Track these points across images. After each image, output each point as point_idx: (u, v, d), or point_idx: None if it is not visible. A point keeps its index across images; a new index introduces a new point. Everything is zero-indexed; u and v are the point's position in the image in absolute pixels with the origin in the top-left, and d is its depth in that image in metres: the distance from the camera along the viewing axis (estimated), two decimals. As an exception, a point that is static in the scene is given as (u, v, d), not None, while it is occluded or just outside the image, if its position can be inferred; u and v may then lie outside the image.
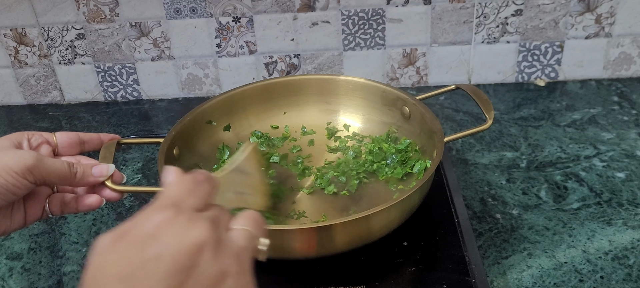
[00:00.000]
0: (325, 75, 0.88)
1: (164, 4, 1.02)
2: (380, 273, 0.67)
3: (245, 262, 0.38)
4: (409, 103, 0.80)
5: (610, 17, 1.01)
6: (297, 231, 0.62)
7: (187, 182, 0.39)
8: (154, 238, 0.34)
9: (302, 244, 0.63)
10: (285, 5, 1.02)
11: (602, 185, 0.82)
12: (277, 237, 0.61)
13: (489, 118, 0.72)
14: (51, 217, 0.62)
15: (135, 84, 1.11)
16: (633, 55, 1.05)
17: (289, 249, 0.63)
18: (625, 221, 0.76)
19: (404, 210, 0.66)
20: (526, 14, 1.02)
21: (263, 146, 0.85)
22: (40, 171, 0.55)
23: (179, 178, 0.40)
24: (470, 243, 0.70)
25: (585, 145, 0.90)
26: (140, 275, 0.32)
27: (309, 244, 0.63)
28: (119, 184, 0.63)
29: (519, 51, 1.06)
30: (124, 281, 0.32)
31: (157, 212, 0.35)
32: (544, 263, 0.70)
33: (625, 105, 1.00)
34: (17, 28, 1.06)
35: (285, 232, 0.62)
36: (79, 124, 1.07)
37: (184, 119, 0.79)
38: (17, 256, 0.78)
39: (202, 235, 0.35)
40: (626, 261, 0.70)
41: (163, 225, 0.34)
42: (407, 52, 1.06)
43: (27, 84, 1.12)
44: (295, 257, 0.65)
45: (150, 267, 0.33)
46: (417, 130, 0.79)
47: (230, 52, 1.07)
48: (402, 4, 1.01)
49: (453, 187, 0.79)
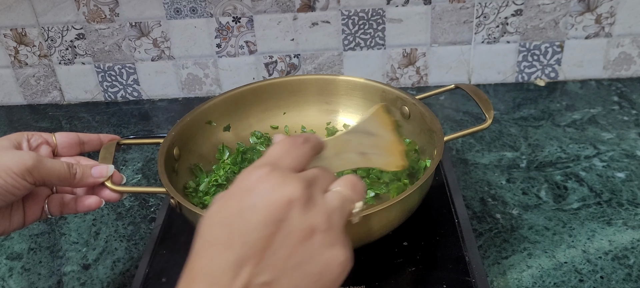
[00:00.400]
0: (325, 75, 0.88)
1: (164, 4, 1.02)
2: (380, 273, 0.67)
3: (336, 221, 0.40)
4: (409, 103, 0.80)
5: (610, 17, 1.01)
6: None
7: (286, 143, 0.43)
8: (250, 191, 0.38)
9: None
10: (285, 5, 1.02)
11: (602, 185, 0.82)
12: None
13: (488, 117, 0.72)
14: (50, 217, 0.62)
15: (135, 84, 1.11)
16: (633, 55, 1.05)
17: None
18: (625, 221, 0.76)
19: (404, 209, 0.66)
20: (526, 14, 1.02)
21: (263, 146, 0.85)
22: (39, 172, 0.55)
23: (281, 139, 0.43)
24: (470, 243, 0.70)
25: (585, 145, 0.90)
26: (237, 221, 0.37)
27: None
28: (118, 185, 0.63)
29: (519, 51, 1.06)
30: (224, 226, 0.37)
31: (255, 169, 0.39)
32: (544, 263, 0.70)
33: (625, 105, 1.00)
34: (17, 28, 1.06)
35: None
36: (79, 124, 1.07)
37: (184, 119, 0.79)
38: (17, 256, 0.78)
39: (293, 192, 0.38)
40: (626, 261, 0.70)
41: (259, 180, 0.38)
42: (407, 52, 1.06)
43: (27, 84, 1.12)
44: None
45: (246, 215, 0.37)
46: (417, 130, 0.79)
47: (230, 52, 1.07)
48: (402, 4, 1.01)
49: (453, 187, 0.79)
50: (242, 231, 0.37)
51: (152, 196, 0.86)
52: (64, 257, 0.77)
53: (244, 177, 0.39)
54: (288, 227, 0.37)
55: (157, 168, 0.70)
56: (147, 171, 0.92)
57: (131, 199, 0.86)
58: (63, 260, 0.76)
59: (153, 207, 0.84)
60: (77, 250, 0.78)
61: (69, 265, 0.75)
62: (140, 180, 0.90)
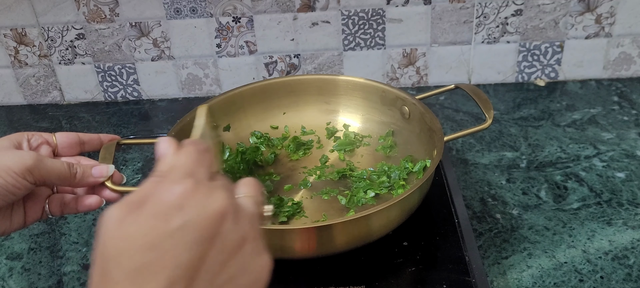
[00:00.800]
0: (324, 75, 0.88)
1: (164, 4, 1.02)
2: (380, 273, 0.67)
3: (257, 227, 0.39)
4: (409, 103, 0.80)
5: (610, 17, 1.01)
6: (297, 231, 0.62)
7: (192, 152, 0.40)
8: (179, 209, 0.34)
9: (302, 244, 0.63)
10: (285, 5, 1.02)
11: (602, 185, 0.82)
12: (277, 237, 0.61)
13: (488, 117, 0.72)
14: (51, 217, 0.62)
15: (135, 84, 1.11)
16: (633, 55, 1.05)
17: (289, 249, 0.63)
18: (625, 221, 0.76)
19: (404, 209, 0.66)
20: (526, 14, 1.02)
21: (263, 146, 0.85)
22: (40, 171, 0.55)
23: (182, 148, 0.40)
24: (470, 243, 0.70)
25: (585, 145, 0.90)
26: (168, 244, 0.33)
27: (309, 244, 0.63)
28: (118, 185, 0.63)
29: (519, 51, 1.06)
30: (151, 250, 0.33)
31: (176, 184, 0.36)
32: (544, 263, 0.70)
33: (625, 105, 1.00)
34: (17, 28, 1.06)
35: (285, 232, 0.62)
36: (79, 124, 1.07)
37: (184, 119, 0.79)
38: (17, 256, 0.78)
39: (223, 204, 0.36)
40: (626, 261, 0.70)
41: (185, 195, 0.35)
42: (407, 52, 1.06)
43: (27, 84, 1.12)
44: (295, 257, 0.65)
45: (177, 236, 0.34)
46: (417, 130, 0.79)
47: (230, 52, 1.07)
48: (402, 4, 1.01)
49: (453, 187, 0.79)
50: (172, 254, 0.33)
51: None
52: (64, 257, 0.77)
53: (161, 191, 0.36)
54: (221, 242, 0.35)
55: (157, 168, 0.70)
56: (147, 171, 0.92)
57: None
58: (63, 260, 0.76)
59: (153, 207, 0.84)
60: (77, 250, 0.78)
61: (69, 265, 0.75)
62: (140, 180, 0.90)
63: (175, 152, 0.40)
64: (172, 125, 0.81)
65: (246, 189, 0.41)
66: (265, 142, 0.85)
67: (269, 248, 0.41)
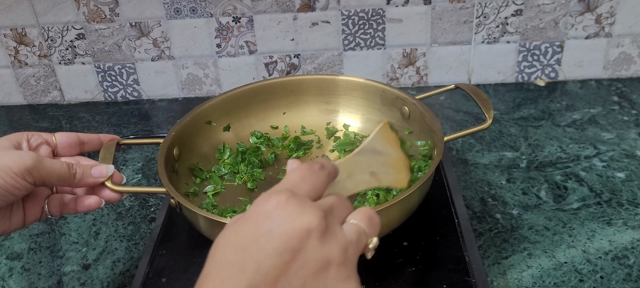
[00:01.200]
0: (324, 75, 0.88)
1: (164, 4, 1.02)
2: (380, 273, 0.67)
3: (351, 255, 0.39)
4: (409, 102, 0.80)
5: (610, 17, 1.01)
6: None
7: (303, 169, 0.42)
8: (267, 217, 0.37)
9: None
10: (285, 5, 1.02)
11: (602, 185, 0.82)
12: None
13: (488, 117, 0.72)
14: (50, 217, 0.62)
15: (135, 84, 1.11)
16: (633, 55, 1.05)
17: None
18: (625, 221, 0.76)
19: (404, 209, 0.66)
20: (526, 14, 1.02)
21: (263, 146, 0.85)
22: (39, 172, 0.55)
23: (298, 165, 0.43)
24: (470, 243, 0.70)
25: (585, 145, 0.90)
26: (252, 247, 0.36)
27: None
28: (118, 185, 0.63)
29: (519, 51, 1.06)
30: (238, 250, 0.36)
31: (273, 195, 0.38)
32: (544, 263, 0.70)
33: (625, 105, 1.00)
34: (17, 28, 1.06)
35: None
36: (79, 124, 1.07)
37: (184, 119, 0.79)
38: (17, 256, 0.78)
39: (311, 221, 0.37)
40: (626, 261, 0.70)
41: (277, 206, 0.37)
42: (407, 52, 1.06)
43: (27, 84, 1.12)
44: None
45: (261, 242, 0.36)
46: (417, 130, 0.79)
47: (230, 52, 1.07)
48: (402, 4, 1.01)
49: (453, 187, 0.79)
50: (257, 257, 0.36)
51: (152, 196, 0.86)
52: (64, 257, 0.77)
53: (261, 201, 0.39)
54: (304, 258, 0.36)
55: (157, 169, 0.70)
56: (147, 171, 0.92)
57: (131, 199, 0.86)
58: (63, 260, 0.76)
59: (153, 207, 0.84)
60: (77, 250, 0.78)
61: (69, 265, 0.75)
62: (140, 180, 0.90)
63: (293, 169, 0.42)
64: (172, 125, 0.81)
65: (358, 217, 0.42)
66: (265, 142, 0.85)
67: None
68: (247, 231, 0.37)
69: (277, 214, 0.37)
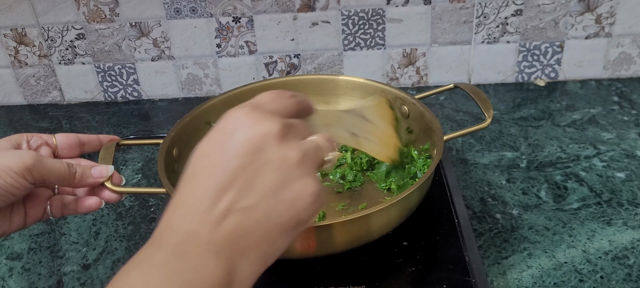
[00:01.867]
0: (324, 75, 0.88)
1: (164, 4, 1.02)
2: (380, 273, 0.67)
3: (309, 159, 0.42)
4: (408, 102, 0.80)
5: (610, 17, 1.01)
6: None
7: (273, 93, 0.45)
8: (231, 127, 0.41)
9: (302, 243, 0.63)
10: (285, 5, 1.02)
11: (602, 185, 0.82)
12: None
13: (488, 117, 0.72)
14: (52, 218, 0.62)
15: (135, 84, 1.11)
16: (633, 55, 1.05)
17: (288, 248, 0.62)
18: (625, 221, 0.76)
19: (404, 209, 0.66)
20: (526, 14, 1.02)
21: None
22: (39, 171, 0.55)
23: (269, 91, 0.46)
24: (470, 243, 0.69)
25: (585, 145, 0.90)
26: (218, 152, 0.40)
27: (308, 243, 0.63)
28: (118, 186, 0.63)
29: (519, 51, 1.06)
30: (206, 157, 0.41)
31: (237, 109, 0.42)
32: (544, 263, 0.70)
33: (625, 105, 1.00)
34: (17, 28, 1.06)
35: None
36: (79, 124, 1.07)
37: (184, 119, 0.79)
38: (17, 256, 0.78)
39: (271, 127, 0.41)
40: (626, 261, 0.70)
41: (239, 117, 0.41)
42: (407, 52, 1.06)
43: (27, 84, 1.12)
44: (295, 257, 0.65)
45: (225, 146, 0.40)
46: (417, 130, 0.79)
47: (230, 52, 1.07)
48: (402, 4, 1.01)
49: (453, 187, 0.79)
50: (222, 160, 0.40)
51: (152, 196, 0.86)
52: (64, 257, 0.77)
53: (226, 116, 0.42)
54: (265, 156, 0.40)
55: (157, 169, 0.70)
56: (147, 171, 0.92)
57: (131, 199, 0.86)
58: (63, 260, 0.76)
59: (153, 207, 0.84)
60: (77, 250, 0.78)
61: (69, 265, 0.75)
62: (140, 180, 0.90)
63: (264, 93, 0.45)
64: (172, 125, 0.81)
65: (317, 137, 0.45)
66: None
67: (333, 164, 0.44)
68: (213, 142, 0.41)
69: (239, 123, 0.41)
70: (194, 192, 0.39)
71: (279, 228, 0.40)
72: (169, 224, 0.39)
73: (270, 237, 0.40)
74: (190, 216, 0.39)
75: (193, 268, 0.37)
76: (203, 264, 0.37)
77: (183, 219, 0.39)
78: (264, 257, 0.40)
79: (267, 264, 0.41)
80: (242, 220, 0.39)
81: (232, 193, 0.39)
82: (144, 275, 0.37)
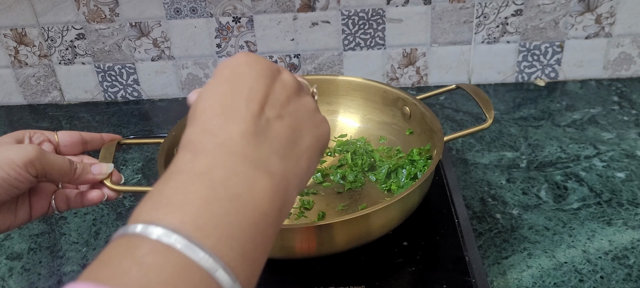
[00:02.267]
0: (325, 76, 0.88)
1: (164, 4, 1.02)
2: (380, 273, 0.67)
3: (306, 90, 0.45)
4: (409, 103, 0.80)
5: (610, 17, 1.01)
6: (297, 230, 0.62)
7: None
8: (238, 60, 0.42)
9: (302, 243, 0.63)
10: (285, 5, 1.02)
11: (602, 185, 0.82)
12: (277, 237, 0.61)
13: (489, 117, 0.72)
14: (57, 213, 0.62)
15: (135, 84, 1.11)
16: (633, 55, 1.05)
17: (288, 249, 0.63)
18: (625, 221, 0.76)
19: (404, 209, 0.66)
20: (526, 14, 1.02)
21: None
22: (41, 164, 0.55)
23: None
24: (470, 243, 0.69)
25: (585, 145, 0.90)
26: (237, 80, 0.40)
27: (308, 243, 0.63)
28: (117, 184, 0.63)
29: (519, 51, 1.06)
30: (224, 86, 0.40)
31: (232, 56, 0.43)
32: (544, 263, 0.70)
33: (625, 105, 1.00)
34: (17, 28, 1.06)
35: (284, 231, 0.62)
36: (79, 124, 1.07)
37: (184, 119, 0.79)
38: (17, 256, 0.78)
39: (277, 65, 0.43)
40: (626, 261, 0.70)
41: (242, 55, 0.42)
42: (407, 52, 1.06)
43: (27, 84, 1.12)
44: (295, 257, 0.65)
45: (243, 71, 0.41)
46: (418, 130, 0.79)
47: (231, 52, 1.07)
48: (402, 4, 1.01)
49: (453, 187, 0.79)
50: (244, 82, 0.40)
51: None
52: (64, 257, 0.77)
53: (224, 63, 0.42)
54: (282, 80, 0.42)
55: (157, 169, 0.70)
56: (147, 171, 0.92)
57: (131, 199, 0.86)
58: (63, 260, 0.76)
59: (153, 207, 0.84)
60: (77, 250, 0.78)
61: (69, 265, 0.75)
62: (140, 180, 0.90)
63: None
64: (172, 125, 0.81)
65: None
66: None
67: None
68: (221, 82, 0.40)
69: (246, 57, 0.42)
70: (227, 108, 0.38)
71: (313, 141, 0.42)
72: (204, 130, 0.37)
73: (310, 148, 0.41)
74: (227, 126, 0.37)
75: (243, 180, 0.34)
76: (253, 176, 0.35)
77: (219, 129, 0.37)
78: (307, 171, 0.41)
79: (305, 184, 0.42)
80: (281, 128, 0.39)
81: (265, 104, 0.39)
82: (183, 186, 0.33)
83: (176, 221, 0.30)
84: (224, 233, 0.31)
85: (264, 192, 0.34)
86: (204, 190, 0.33)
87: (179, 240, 0.29)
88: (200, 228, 0.30)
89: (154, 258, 0.29)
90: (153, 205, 0.32)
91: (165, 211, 0.31)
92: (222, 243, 0.31)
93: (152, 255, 0.29)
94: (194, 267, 0.29)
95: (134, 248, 0.29)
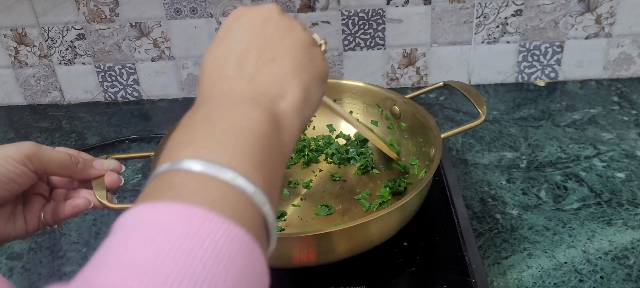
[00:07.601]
0: None
1: (164, 4, 1.02)
2: (380, 273, 0.67)
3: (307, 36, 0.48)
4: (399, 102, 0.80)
5: (610, 17, 1.01)
6: (296, 239, 0.61)
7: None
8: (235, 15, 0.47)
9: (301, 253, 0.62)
10: (285, 6, 1.02)
11: (602, 185, 0.82)
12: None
13: (482, 113, 0.72)
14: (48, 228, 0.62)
15: (136, 84, 1.11)
16: (633, 55, 1.05)
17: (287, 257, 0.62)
18: (625, 221, 0.76)
19: (403, 216, 0.66)
20: (526, 14, 1.02)
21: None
22: (39, 158, 0.56)
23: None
24: (470, 243, 0.69)
25: (585, 145, 0.90)
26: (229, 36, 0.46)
27: (308, 253, 0.62)
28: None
29: (519, 51, 1.06)
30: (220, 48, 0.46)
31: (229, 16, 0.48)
32: (544, 263, 0.70)
33: (625, 105, 1.00)
34: (17, 28, 1.06)
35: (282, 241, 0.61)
36: (79, 124, 1.07)
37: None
38: (17, 256, 0.78)
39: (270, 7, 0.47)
40: (626, 261, 0.70)
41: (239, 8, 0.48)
42: (407, 52, 1.06)
43: (27, 84, 1.12)
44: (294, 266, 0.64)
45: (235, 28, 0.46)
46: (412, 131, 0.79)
47: (230, 52, 1.07)
48: (402, 4, 1.01)
49: (453, 187, 0.79)
50: (235, 38, 0.45)
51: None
52: (64, 257, 0.77)
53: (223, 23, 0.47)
54: (274, 22, 0.46)
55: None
56: (147, 171, 0.92)
57: (131, 199, 0.86)
58: (63, 260, 0.76)
59: (153, 207, 0.84)
60: (77, 250, 0.78)
61: (69, 265, 0.75)
62: (140, 180, 0.90)
63: None
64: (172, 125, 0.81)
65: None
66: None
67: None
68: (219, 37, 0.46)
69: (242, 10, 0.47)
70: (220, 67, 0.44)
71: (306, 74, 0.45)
72: (201, 93, 0.43)
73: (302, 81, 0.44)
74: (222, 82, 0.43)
75: (237, 114, 0.39)
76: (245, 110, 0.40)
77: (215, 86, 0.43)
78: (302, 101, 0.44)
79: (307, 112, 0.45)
80: (270, 69, 0.43)
81: (254, 52, 0.44)
82: (185, 129, 0.39)
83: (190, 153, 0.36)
84: (234, 152, 0.36)
85: (257, 120, 0.39)
86: (205, 129, 0.38)
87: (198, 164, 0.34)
88: (212, 152, 0.36)
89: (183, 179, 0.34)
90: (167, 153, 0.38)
91: (177, 151, 0.36)
92: (235, 159, 0.36)
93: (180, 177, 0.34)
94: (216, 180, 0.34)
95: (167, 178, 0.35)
